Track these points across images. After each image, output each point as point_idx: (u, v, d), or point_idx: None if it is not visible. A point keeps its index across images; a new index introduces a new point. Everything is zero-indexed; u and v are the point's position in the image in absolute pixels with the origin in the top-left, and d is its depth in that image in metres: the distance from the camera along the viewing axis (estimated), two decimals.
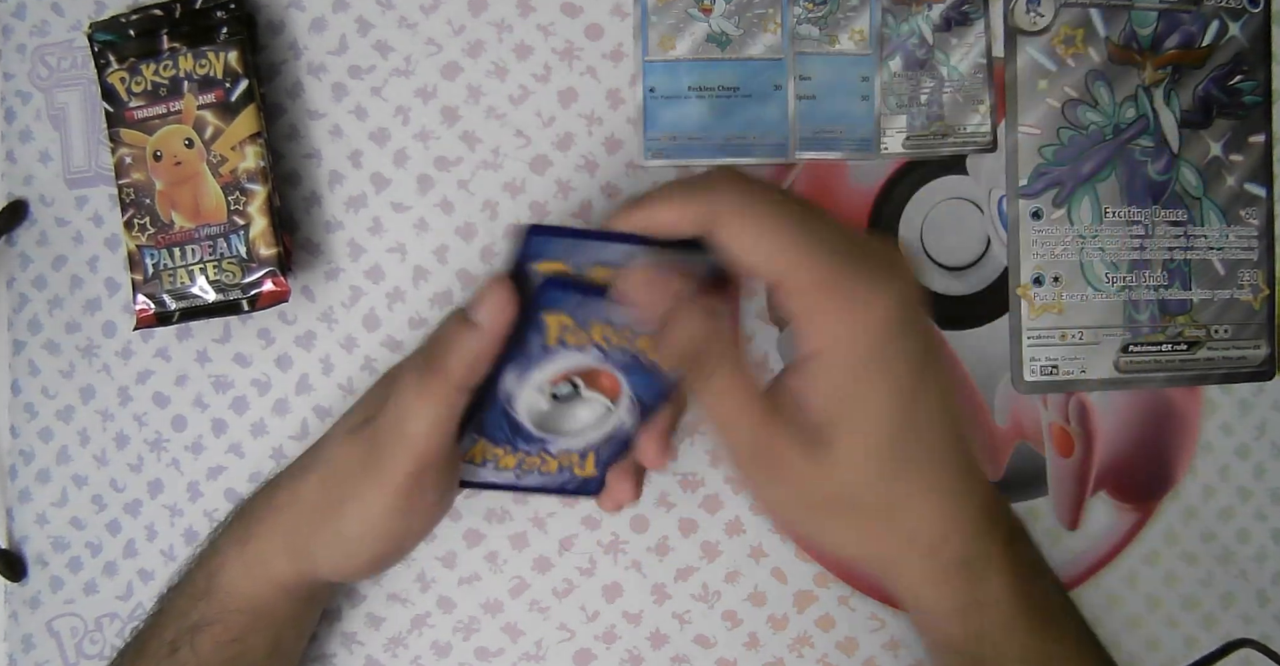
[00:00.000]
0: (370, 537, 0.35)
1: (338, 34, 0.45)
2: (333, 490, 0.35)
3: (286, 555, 0.37)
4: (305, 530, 0.36)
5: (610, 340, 0.32)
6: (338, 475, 0.36)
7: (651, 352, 0.32)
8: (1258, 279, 0.46)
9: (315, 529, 0.36)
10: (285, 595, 0.38)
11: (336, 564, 0.37)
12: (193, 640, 0.37)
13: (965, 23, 0.45)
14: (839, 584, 0.45)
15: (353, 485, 0.35)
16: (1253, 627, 0.46)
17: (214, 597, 0.37)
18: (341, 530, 0.35)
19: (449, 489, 0.36)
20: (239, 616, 0.37)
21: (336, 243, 0.45)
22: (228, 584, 0.37)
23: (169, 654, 0.37)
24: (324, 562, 0.36)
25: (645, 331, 0.31)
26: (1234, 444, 0.46)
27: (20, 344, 0.47)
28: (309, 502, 0.36)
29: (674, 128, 0.45)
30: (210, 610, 0.37)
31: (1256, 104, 0.46)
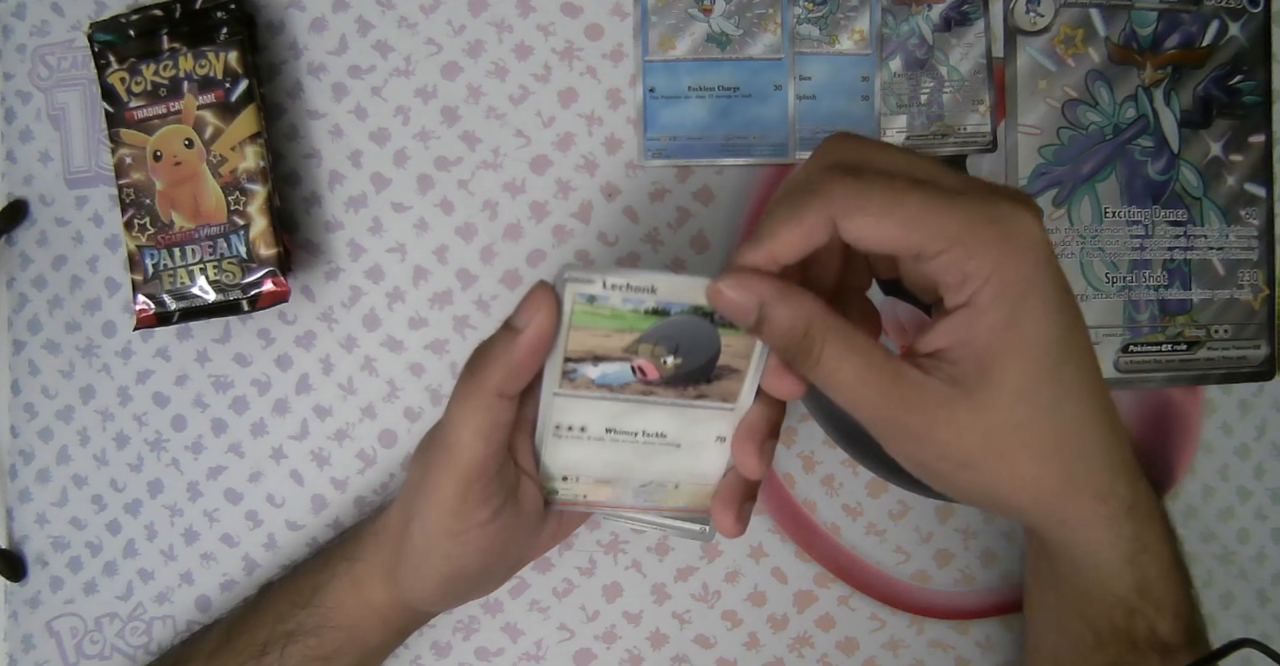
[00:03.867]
0: (433, 558, 0.34)
1: (338, 34, 0.45)
2: (405, 512, 0.35)
3: (383, 580, 0.37)
4: (392, 556, 0.36)
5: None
6: (406, 498, 0.35)
7: None
8: (1258, 279, 0.46)
9: (397, 554, 0.35)
10: (381, 622, 0.38)
11: (415, 590, 0.36)
12: (284, 647, 0.37)
13: (965, 23, 0.45)
14: (839, 584, 0.45)
15: (415, 506, 0.34)
16: (1253, 627, 0.46)
17: (315, 610, 0.37)
18: (409, 553, 0.35)
19: (507, 505, 0.33)
20: (335, 633, 0.37)
21: (336, 243, 0.45)
22: (332, 599, 0.37)
23: (257, 655, 0.37)
24: (407, 589, 0.36)
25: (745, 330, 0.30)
26: (1234, 444, 0.46)
27: (20, 344, 0.47)
28: (395, 527, 0.36)
29: (674, 128, 0.45)
30: (309, 621, 0.37)
31: (1256, 104, 0.46)
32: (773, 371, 0.31)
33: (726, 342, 0.31)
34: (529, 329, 0.29)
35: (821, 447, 0.45)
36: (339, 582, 0.37)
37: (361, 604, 0.37)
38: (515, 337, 0.29)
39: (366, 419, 0.45)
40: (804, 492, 0.45)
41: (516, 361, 0.30)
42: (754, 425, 0.33)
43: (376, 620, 0.37)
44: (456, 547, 0.33)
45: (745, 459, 0.33)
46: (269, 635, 0.37)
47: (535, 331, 0.29)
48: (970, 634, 0.45)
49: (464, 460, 0.31)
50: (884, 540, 0.45)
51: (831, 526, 0.45)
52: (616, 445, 0.33)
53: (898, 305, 0.44)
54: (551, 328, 0.29)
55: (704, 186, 0.45)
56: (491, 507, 0.33)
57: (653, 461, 0.34)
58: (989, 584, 0.45)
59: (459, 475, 0.32)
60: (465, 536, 0.33)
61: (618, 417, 0.33)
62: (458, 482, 0.32)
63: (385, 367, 0.45)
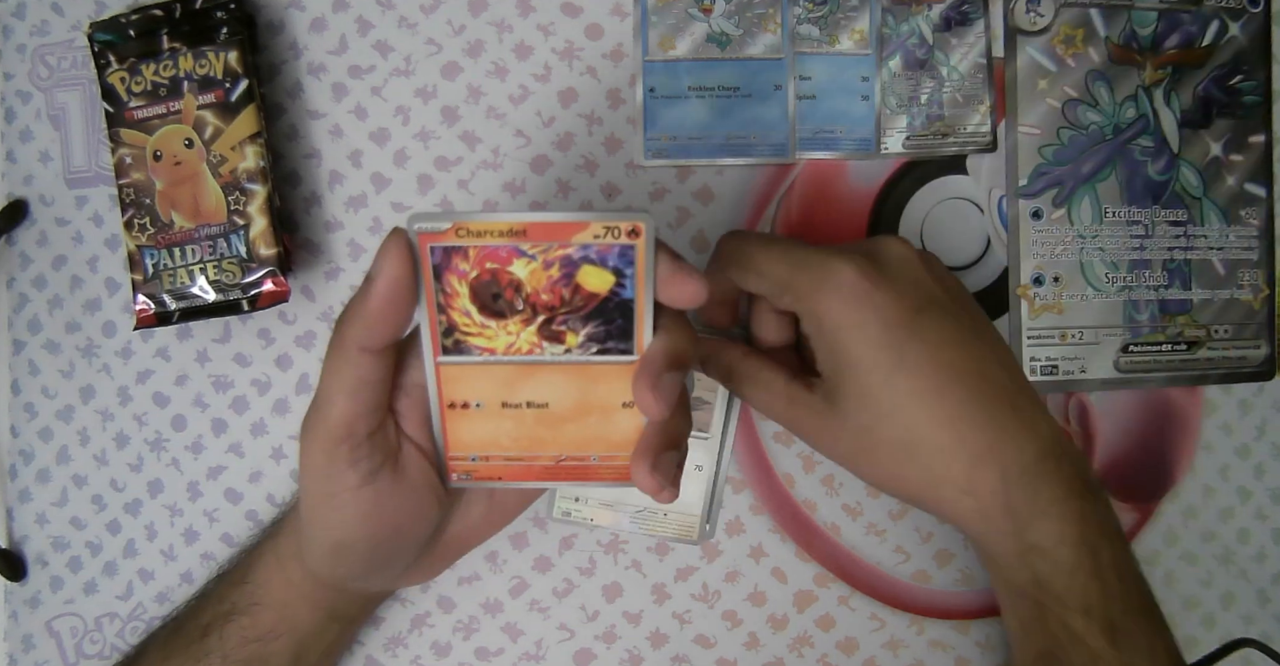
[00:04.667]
0: (315, 527, 0.32)
1: (338, 34, 0.45)
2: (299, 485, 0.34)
3: (296, 555, 0.36)
4: (296, 529, 0.36)
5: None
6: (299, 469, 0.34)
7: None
8: (1258, 279, 0.46)
9: (297, 527, 0.34)
10: (307, 602, 0.37)
11: (311, 561, 0.34)
12: (223, 628, 0.37)
13: (965, 23, 0.45)
14: (839, 583, 0.45)
15: (301, 475, 0.32)
16: (1253, 627, 0.46)
17: (246, 586, 0.37)
18: (298, 523, 0.34)
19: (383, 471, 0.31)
20: (266, 613, 0.37)
21: (336, 243, 0.45)
22: (261, 575, 0.37)
23: (201, 636, 0.37)
24: (307, 560, 0.35)
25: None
26: (1234, 444, 0.46)
27: (20, 344, 0.47)
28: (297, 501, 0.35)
29: (674, 128, 0.45)
30: (241, 600, 0.37)
31: (1256, 104, 0.46)
32: (665, 279, 0.29)
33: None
34: (379, 277, 0.28)
35: None
36: (265, 559, 0.37)
37: (284, 581, 0.37)
38: (369, 286, 0.28)
39: None
40: (804, 492, 0.45)
41: (371, 311, 0.28)
42: (649, 356, 0.30)
43: (301, 599, 0.37)
44: (331, 513, 0.31)
45: (641, 394, 0.29)
46: (211, 616, 0.37)
47: (385, 279, 0.28)
48: (970, 634, 0.45)
49: (330, 419, 0.30)
50: (884, 540, 0.45)
51: (831, 526, 0.45)
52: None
53: None
54: (403, 274, 0.28)
55: (704, 186, 0.45)
56: (361, 471, 0.31)
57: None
58: (989, 584, 0.45)
59: (324, 434, 0.30)
60: (337, 500, 0.31)
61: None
62: (324, 442, 0.30)
63: None
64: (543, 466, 0.33)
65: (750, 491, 0.45)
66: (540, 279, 0.29)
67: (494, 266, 0.28)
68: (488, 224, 0.27)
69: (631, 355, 0.30)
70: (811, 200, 0.45)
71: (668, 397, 0.29)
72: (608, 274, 0.29)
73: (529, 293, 0.29)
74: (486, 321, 0.29)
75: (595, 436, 0.32)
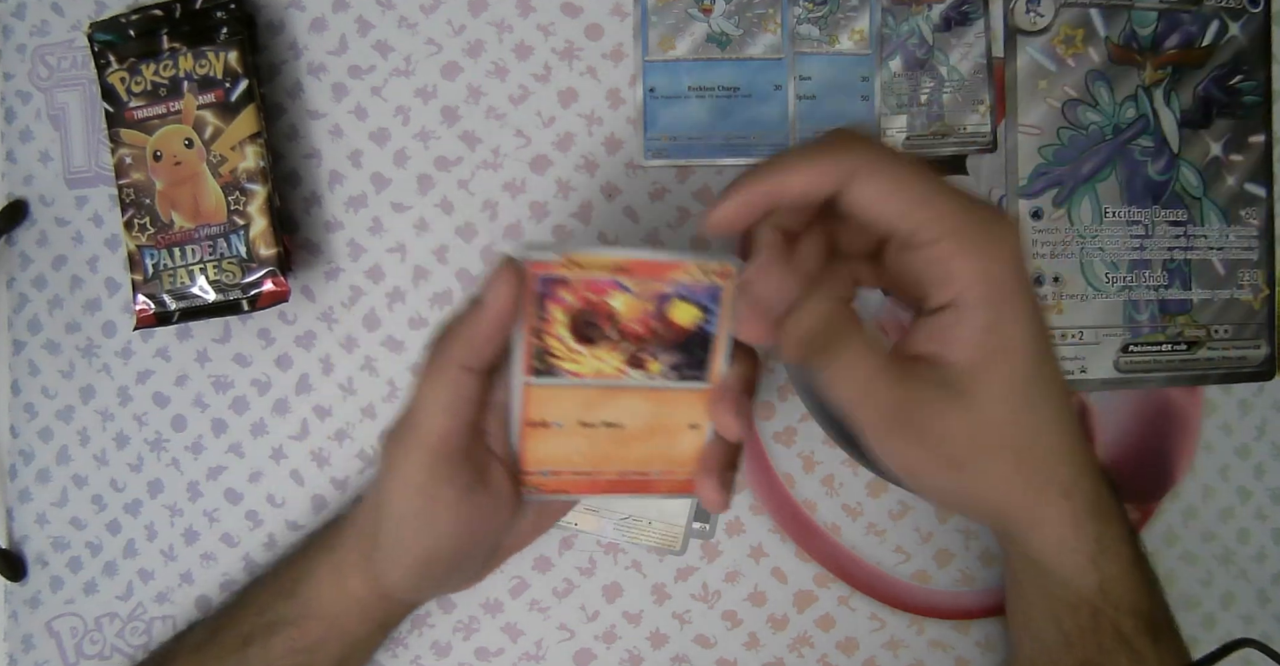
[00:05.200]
0: (404, 541, 0.34)
1: (338, 34, 0.45)
2: (376, 496, 0.34)
3: (360, 570, 0.36)
4: (368, 543, 0.36)
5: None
6: (377, 480, 0.35)
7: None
8: (1258, 279, 0.46)
9: (372, 541, 0.35)
10: (361, 612, 0.37)
11: (391, 576, 0.35)
12: (267, 639, 0.37)
13: (965, 23, 0.45)
14: (839, 584, 0.45)
15: (384, 488, 0.33)
16: (1253, 627, 0.46)
17: (296, 600, 0.37)
18: (383, 538, 0.34)
19: (476, 486, 0.32)
20: (315, 624, 0.37)
21: (336, 243, 0.45)
22: (311, 590, 0.37)
23: (240, 646, 0.37)
24: (383, 575, 0.35)
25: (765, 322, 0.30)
26: (1234, 444, 0.46)
27: (20, 344, 0.47)
28: (369, 514, 0.35)
29: (674, 128, 0.45)
30: (290, 611, 0.37)
31: (1256, 104, 0.46)
32: (745, 318, 0.31)
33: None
34: (491, 302, 0.29)
35: (821, 447, 0.45)
36: (319, 573, 0.37)
37: (341, 593, 0.37)
38: (479, 310, 0.29)
39: (366, 419, 0.45)
40: (804, 492, 0.45)
41: (479, 334, 0.30)
42: (728, 384, 0.32)
43: (356, 610, 0.37)
44: (426, 528, 0.33)
45: (723, 417, 0.32)
46: (252, 627, 0.37)
47: (498, 303, 0.29)
48: (970, 634, 0.45)
49: (430, 435, 0.31)
50: (884, 540, 0.45)
51: (831, 526, 0.45)
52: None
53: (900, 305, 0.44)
54: (513, 301, 0.29)
55: (704, 186, 0.45)
56: (459, 486, 0.32)
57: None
58: (989, 584, 0.45)
59: (424, 452, 0.31)
60: (434, 516, 0.32)
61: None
62: (424, 459, 0.31)
63: (385, 367, 0.45)
64: (607, 480, 0.34)
65: (750, 491, 0.45)
66: (635, 311, 0.31)
67: (594, 297, 0.30)
68: (596, 258, 0.29)
69: (705, 382, 0.32)
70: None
71: (747, 420, 0.32)
72: (696, 310, 0.31)
73: (622, 323, 0.31)
74: (578, 347, 0.31)
75: (659, 453, 0.34)
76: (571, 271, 0.29)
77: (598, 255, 0.29)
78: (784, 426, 0.45)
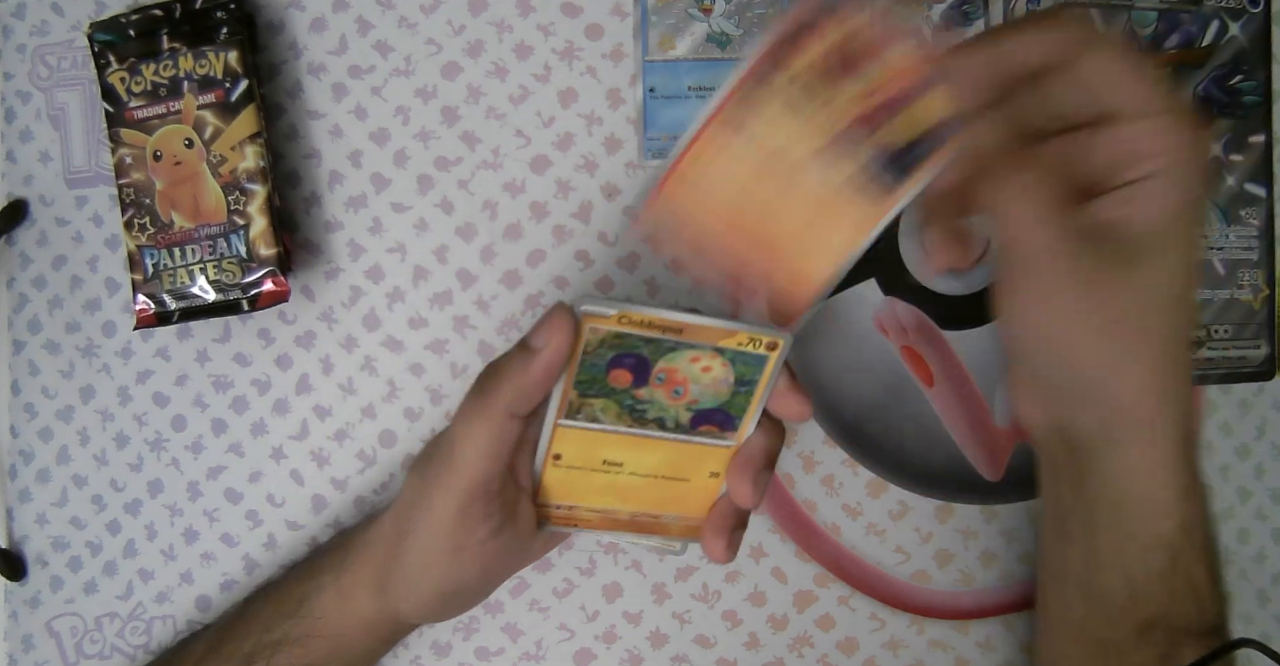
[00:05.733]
0: (430, 574, 0.34)
1: (338, 34, 0.45)
2: (399, 525, 0.35)
3: (372, 591, 0.36)
4: (384, 567, 0.36)
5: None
6: (402, 510, 0.35)
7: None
8: (1258, 279, 0.46)
9: (390, 565, 0.35)
10: (368, 631, 0.37)
11: (409, 603, 0.36)
12: (271, 657, 0.37)
13: (965, 23, 0.45)
14: (839, 584, 0.45)
15: (411, 519, 0.34)
16: (1253, 627, 0.46)
17: (302, 620, 0.37)
18: (404, 567, 0.34)
19: (506, 524, 0.33)
20: (321, 643, 0.37)
21: (336, 243, 0.45)
22: (319, 610, 0.37)
23: (243, 663, 0.37)
24: (399, 601, 0.36)
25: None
26: (1234, 444, 0.46)
27: (20, 344, 0.47)
28: (387, 539, 0.36)
29: (674, 128, 0.45)
30: (295, 630, 0.37)
31: (1256, 104, 0.46)
32: (782, 393, 0.32)
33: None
34: (546, 350, 0.29)
35: (821, 447, 0.45)
36: (326, 593, 0.37)
37: (348, 614, 0.37)
38: (531, 358, 0.29)
39: (366, 419, 0.45)
40: (804, 492, 0.45)
41: (530, 383, 0.30)
42: (752, 454, 0.33)
43: (363, 629, 0.37)
44: (454, 565, 0.33)
45: (741, 488, 0.33)
46: (255, 644, 0.37)
47: (552, 353, 0.29)
48: (970, 634, 0.45)
49: (467, 478, 0.31)
50: (884, 540, 0.45)
51: (831, 526, 0.45)
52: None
53: (897, 305, 0.44)
54: (567, 351, 0.29)
55: None
56: (491, 526, 0.32)
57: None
58: (989, 584, 0.45)
59: (462, 493, 0.31)
60: (464, 554, 0.33)
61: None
62: (460, 501, 0.31)
63: (385, 367, 0.45)
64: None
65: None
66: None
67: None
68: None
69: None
70: None
71: (764, 489, 0.33)
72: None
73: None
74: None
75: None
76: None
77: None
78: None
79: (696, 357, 0.31)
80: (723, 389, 0.32)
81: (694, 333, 0.30)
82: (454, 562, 0.33)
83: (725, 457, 0.34)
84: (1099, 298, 0.29)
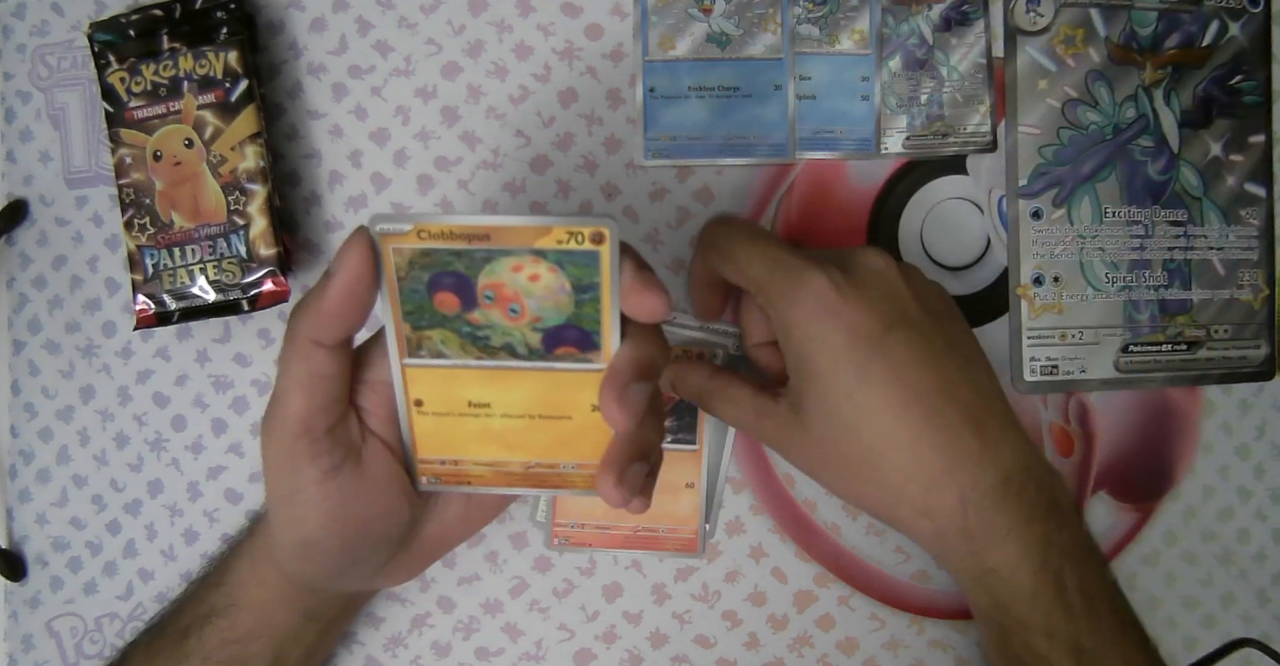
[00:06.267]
0: (280, 524, 0.32)
1: (338, 34, 0.45)
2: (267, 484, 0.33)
3: (268, 555, 0.36)
4: (266, 530, 0.35)
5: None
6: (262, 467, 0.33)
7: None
8: (1258, 279, 0.46)
9: (270, 527, 0.34)
10: (284, 602, 0.37)
11: (281, 561, 0.34)
12: (202, 629, 0.37)
13: (965, 23, 0.45)
14: (839, 583, 0.45)
15: (265, 473, 0.32)
16: (1253, 627, 0.46)
17: (223, 589, 0.37)
18: (273, 524, 0.33)
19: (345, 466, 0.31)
20: (244, 615, 0.37)
21: (336, 243, 0.45)
22: (236, 577, 0.37)
23: (180, 638, 0.37)
24: (282, 563, 0.34)
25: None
26: (1234, 444, 0.46)
27: (20, 344, 0.47)
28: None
29: (674, 128, 0.45)
30: (219, 601, 0.37)
31: (1256, 104, 0.46)
32: (628, 289, 0.28)
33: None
34: (340, 273, 0.28)
35: None
36: (240, 561, 0.37)
37: (259, 582, 0.36)
38: (326, 282, 0.28)
39: None
40: (804, 492, 0.45)
41: (328, 307, 0.28)
42: (615, 367, 0.29)
43: (278, 599, 0.36)
44: (294, 510, 0.31)
45: (607, 407, 0.28)
46: (190, 618, 0.37)
47: (347, 275, 0.28)
48: (970, 634, 0.45)
49: (286, 413, 0.30)
50: (884, 540, 0.45)
51: (831, 526, 0.45)
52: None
53: None
54: (362, 271, 0.28)
55: (704, 186, 0.45)
56: (322, 466, 0.30)
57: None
58: None
59: (282, 429, 0.30)
60: (300, 497, 0.30)
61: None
62: (282, 437, 0.30)
63: None
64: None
65: (750, 491, 0.45)
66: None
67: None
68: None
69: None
70: (811, 200, 0.45)
71: (634, 409, 0.29)
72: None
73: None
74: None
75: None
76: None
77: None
78: None
79: (519, 266, 0.27)
80: (562, 299, 0.28)
81: (504, 236, 0.27)
82: (293, 507, 0.31)
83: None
84: (795, 457, 0.38)
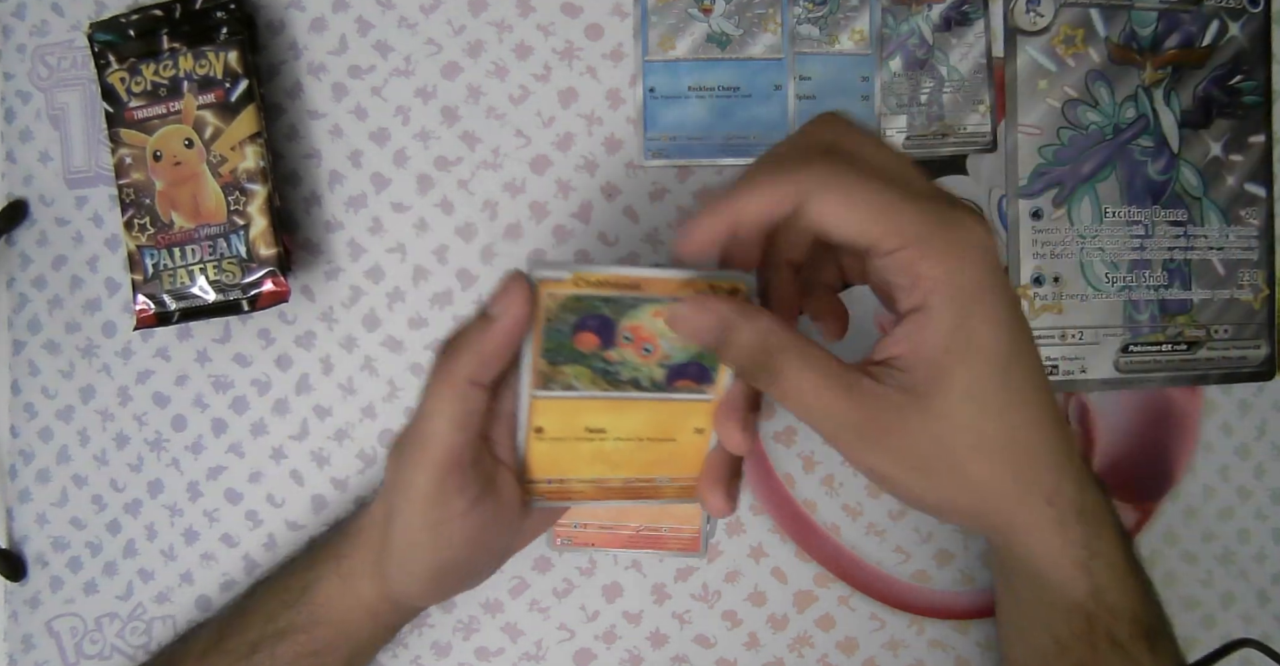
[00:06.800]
0: (417, 552, 0.34)
1: (338, 34, 0.45)
2: (385, 507, 0.35)
3: (370, 576, 0.36)
4: (377, 552, 0.36)
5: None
6: (385, 491, 0.35)
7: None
8: (1258, 279, 0.46)
9: (383, 548, 0.35)
10: (371, 617, 0.37)
11: (403, 583, 0.36)
12: (274, 646, 0.37)
13: (965, 23, 0.45)
14: (839, 584, 0.45)
15: (393, 499, 0.33)
16: (1253, 627, 0.46)
17: (304, 607, 0.37)
18: (394, 548, 0.34)
19: (485, 496, 0.33)
20: (324, 629, 0.37)
21: (336, 243, 0.45)
22: (321, 597, 0.37)
23: (247, 654, 0.37)
24: (395, 583, 0.36)
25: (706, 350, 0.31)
26: (1234, 444, 0.46)
27: (20, 344, 0.47)
28: (378, 523, 0.36)
29: (674, 128, 0.45)
30: (298, 619, 0.37)
31: (1256, 104, 0.46)
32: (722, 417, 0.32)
33: None
34: (503, 318, 0.29)
35: (821, 447, 0.45)
36: (327, 580, 0.37)
37: (350, 600, 0.37)
38: (489, 325, 0.29)
39: (366, 419, 0.45)
40: (804, 492, 0.45)
41: (490, 350, 0.30)
42: (734, 399, 0.32)
43: (365, 614, 0.37)
44: (438, 540, 0.33)
45: (729, 433, 0.32)
46: (259, 635, 0.37)
47: (509, 321, 0.29)
48: (970, 634, 0.45)
49: (438, 449, 0.31)
50: (884, 540, 0.45)
51: (831, 526, 0.45)
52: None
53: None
54: (525, 316, 0.29)
55: (704, 186, 0.45)
56: (468, 498, 0.32)
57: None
58: (989, 584, 0.45)
59: (434, 465, 0.31)
60: (445, 528, 0.33)
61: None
62: (433, 473, 0.31)
63: (385, 367, 0.45)
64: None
65: (750, 491, 0.45)
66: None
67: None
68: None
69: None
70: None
71: (753, 433, 0.32)
72: None
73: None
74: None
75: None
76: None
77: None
78: (784, 426, 0.45)
79: (659, 312, 0.30)
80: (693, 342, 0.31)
81: (652, 286, 0.29)
82: (437, 537, 0.33)
83: (708, 412, 0.33)
84: (897, 446, 0.29)
